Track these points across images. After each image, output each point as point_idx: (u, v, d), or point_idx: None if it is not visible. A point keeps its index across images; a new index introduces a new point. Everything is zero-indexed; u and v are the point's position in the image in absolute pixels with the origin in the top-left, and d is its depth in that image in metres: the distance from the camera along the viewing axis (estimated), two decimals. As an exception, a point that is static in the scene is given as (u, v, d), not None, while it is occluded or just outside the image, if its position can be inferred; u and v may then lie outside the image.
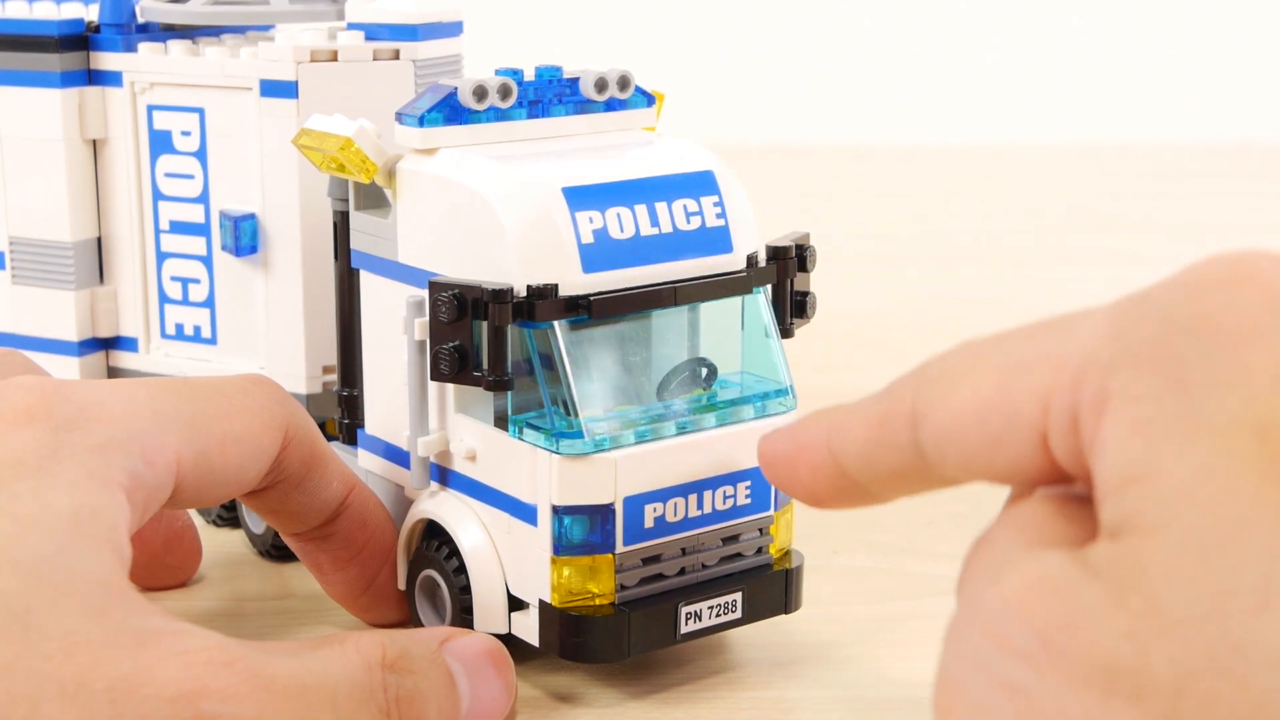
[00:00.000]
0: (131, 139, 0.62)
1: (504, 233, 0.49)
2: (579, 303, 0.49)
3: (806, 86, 1.68)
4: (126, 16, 0.63)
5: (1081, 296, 1.02)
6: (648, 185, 0.51)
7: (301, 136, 0.53)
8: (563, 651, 0.49)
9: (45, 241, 0.63)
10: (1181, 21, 1.69)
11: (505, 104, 0.52)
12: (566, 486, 0.48)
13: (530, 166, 0.50)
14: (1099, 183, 1.48)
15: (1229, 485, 0.33)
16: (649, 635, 0.50)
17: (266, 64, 0.59)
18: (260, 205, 0.60)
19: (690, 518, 0.50)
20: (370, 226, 0.54)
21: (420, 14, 0.60)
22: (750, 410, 0.52)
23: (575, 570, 0.49)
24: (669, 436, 0.50)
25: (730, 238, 0.52)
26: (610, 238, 0.49)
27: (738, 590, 0.51)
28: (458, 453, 0.51)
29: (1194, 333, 0.35)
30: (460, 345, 0.48)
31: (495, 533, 0.51)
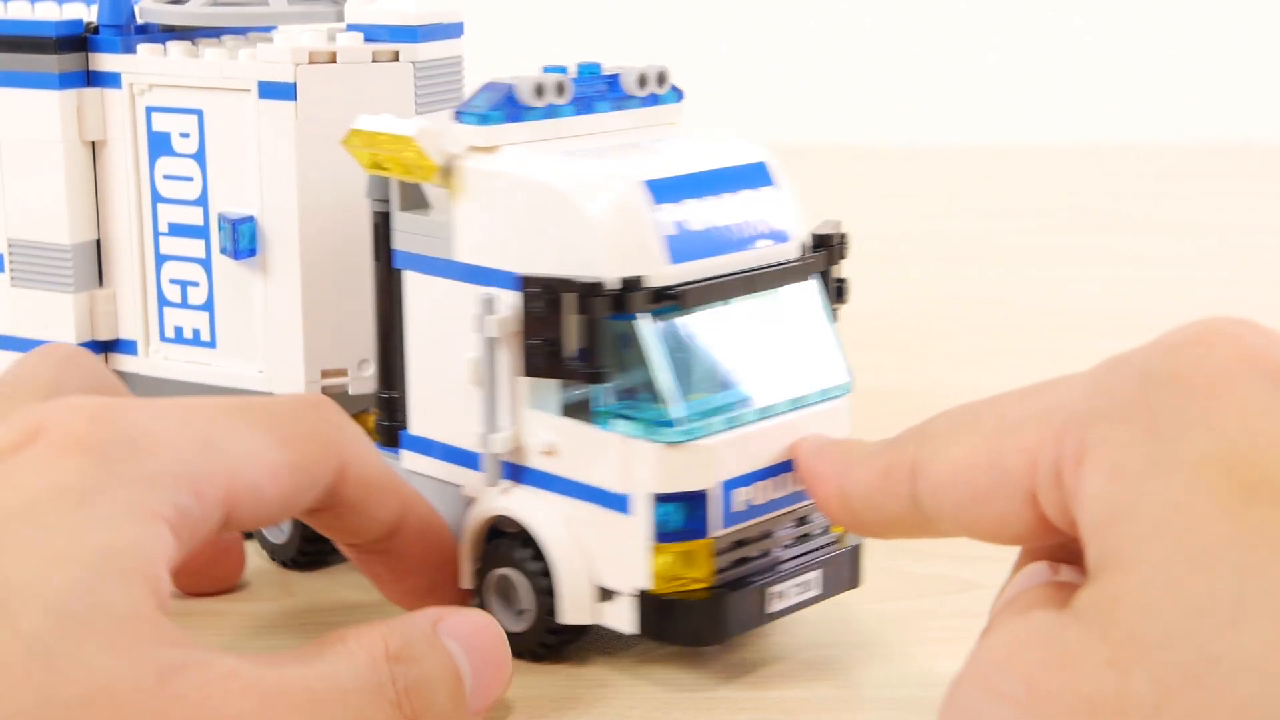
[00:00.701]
0: (130, 141, 0.62)
1: (592, 227, 0.50)
2: (668, 293, 0.50)
3: (807, 86, 1.68)
4: (125, 17, 0.62)
5: (1082, 296, 1.03)
6: (715, 177, 0.53)
7: (351, 137, 0.53)
8: (664, 637, 0.51)
9: (44, 244, 0.63)
10: (1183, 21, 1.69)
11: (560, 101, 0.53)
12: (667, 475, 0.50)
13: (605, 161, 0.51)
14: (1101, 183, 1.47)
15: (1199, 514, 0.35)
16: (743, 617, 0.51)
17: (265, 66, 0.59)
18: (259, 208, 0.60)
19: (773, 500, 0.52)
20: (418, 226, 0.54)
21: (420, 15, 0.60)
22: (817, 395, 0.53)
23: (674, 557, 0.50)
24: (751, 422, 0.51)
25: (786, 227, 0.54)
26: (688, 229, 0.51)
27: (816, 569, 0.53)
28: (533, 448, 0.52)
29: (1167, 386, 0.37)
30: (553, 339, 0.49)
31: (577, 525, 0.51)
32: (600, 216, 0.50)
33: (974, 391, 0.55)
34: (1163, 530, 0.35)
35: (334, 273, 0.59)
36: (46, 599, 0.38)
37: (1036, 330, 0.96)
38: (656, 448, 0.49)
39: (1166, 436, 0.36)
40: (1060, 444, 0.39)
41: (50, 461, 0.41)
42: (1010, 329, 0.96)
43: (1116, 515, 0.36)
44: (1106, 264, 1.15)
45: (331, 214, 0.59)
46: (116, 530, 0.40)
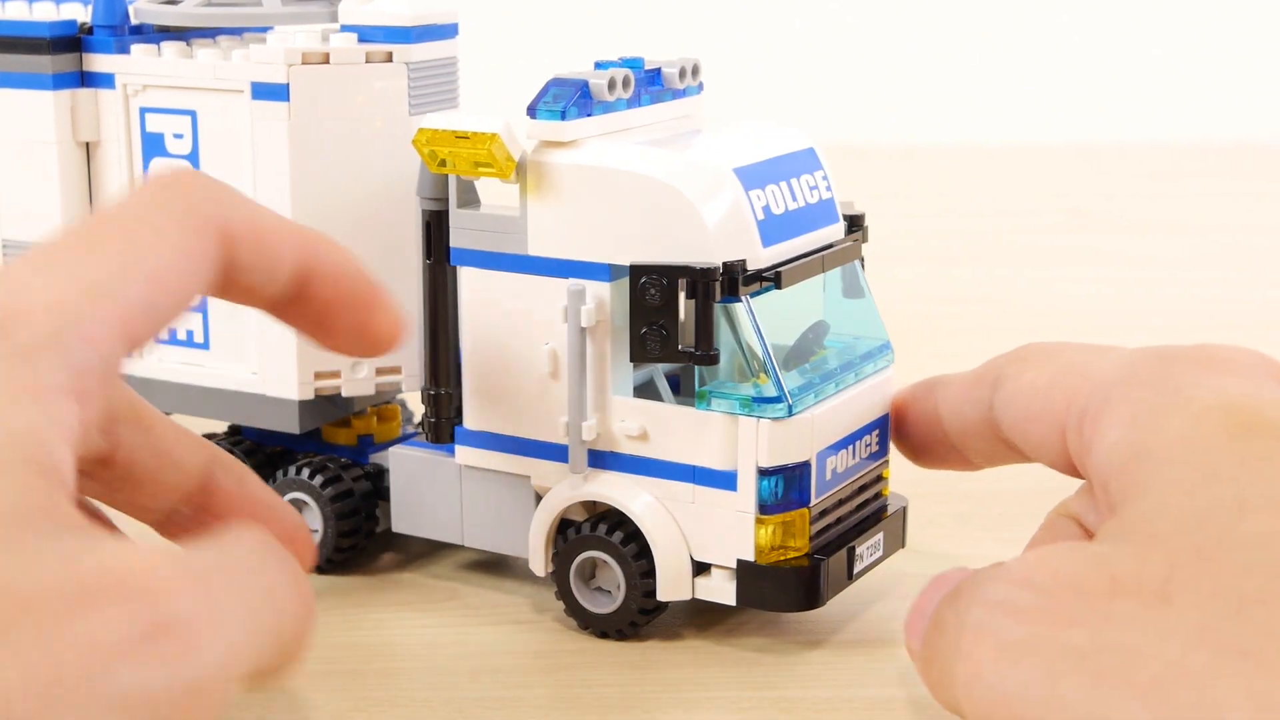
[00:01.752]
0: (124, 141, 0.62)
1: (699, 216, 0.52)
2: (765, 276, 0.52)
3: (799, 86, 1.68)
4: (120, 18, 0.62)
5: (1077, 296, 1.03)
6: (784, 162, 0.55)
7: (419, 135, 0.54)
8: (767, 605, 0.53)
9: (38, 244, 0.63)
10: (1178, 21, 1.69)
11: (626, 95, 0.55)
12: (774, 448, 0.52)
13: (694, 152, 0.54)
14: (1096, 183, 1.48)
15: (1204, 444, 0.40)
16: (835, 580, 0.54)
17: (258, 66, 0.59)
18: (253, 208, 0.60)
19: (849, 467, 0.55)
20: (481, 223, 0.55)
21: (414, 16, 0.60)
22: (871, 365, 0.56)
23: (778, 527, 0.52)
24: (831, 394, 0.54)
25: (836, 208, 0.57)
26: (772, 213, 0.54)
27: (880, 530, 0.56)
28: (623, 433, 0.54)
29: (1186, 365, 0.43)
30: (666, 325, 0.51)
31: (671, 504, 0.54)
32: (705, 204, 0.52)
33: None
34: (1173, 458, 0.40)
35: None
36: None
37: (1030, 330, 0.95)
38: (765, 423, 0.52)
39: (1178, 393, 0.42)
40: (1090, 396, 0.45)
41: None
42: (1004, 329, 0.96)
43: (1133, 454, 0.42)
44: (1102, 264, 1.15)
45: (324, 214, 0.59)
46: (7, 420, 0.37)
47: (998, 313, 1.02)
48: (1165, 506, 0.39)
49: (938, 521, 0.65)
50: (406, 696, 0.52)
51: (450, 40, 0.62)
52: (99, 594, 0.34)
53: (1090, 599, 0.38)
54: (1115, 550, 0.39)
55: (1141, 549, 0.38)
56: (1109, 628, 0.37)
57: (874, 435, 0.56)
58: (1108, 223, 1.30)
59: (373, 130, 0.59)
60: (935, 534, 0.64)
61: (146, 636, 0.34)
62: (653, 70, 0.57)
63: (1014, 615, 0.39)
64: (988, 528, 0.65)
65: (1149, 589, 0.37)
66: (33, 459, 0.36)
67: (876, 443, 0.56)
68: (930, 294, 1.05)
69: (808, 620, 0.57)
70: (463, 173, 0.54)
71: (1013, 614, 0.39)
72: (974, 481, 0.60)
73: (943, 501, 0.59)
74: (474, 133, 0.53)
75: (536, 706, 0.51)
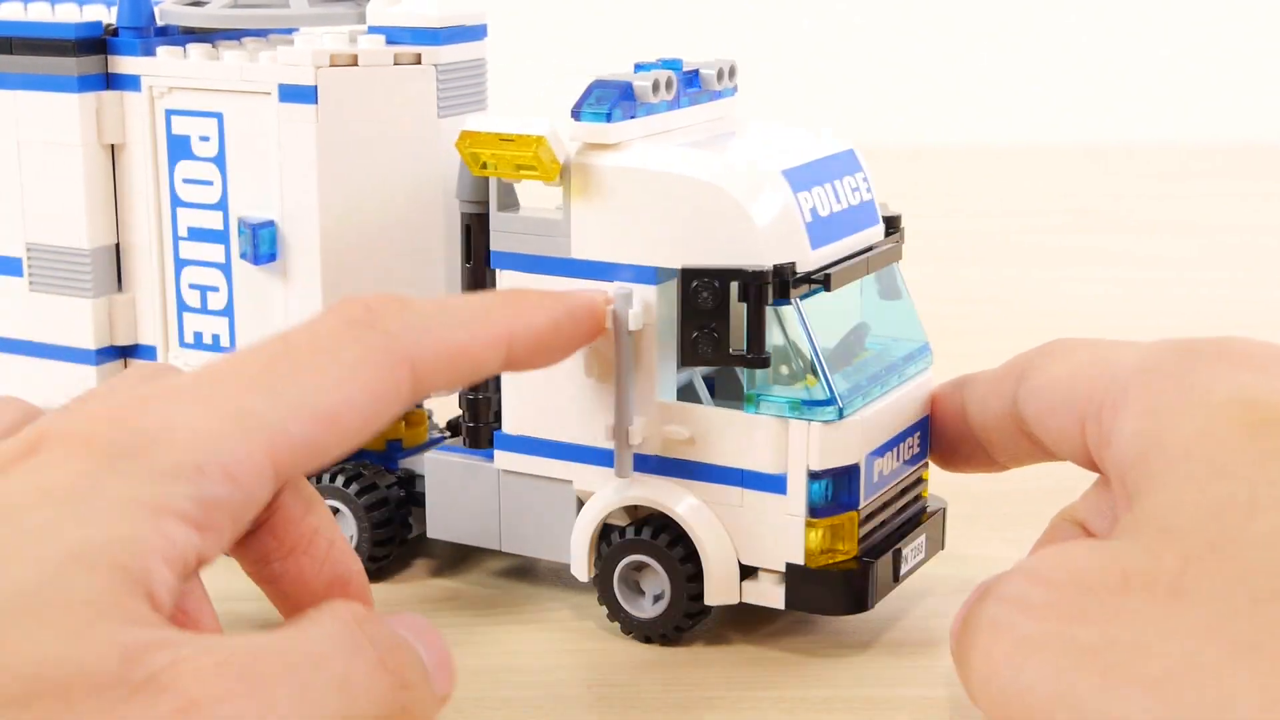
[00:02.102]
0: (149, 144, 0.62)
1: (749, 219, 0.52)
2: (813, 278, 0.52)
3: (807, 86, 1.68)
4: (145, 20, 0.62)
5: (1083, 296, 1.03)
6: (827, 164, 0.55)
7: (464, 139, 0.54)
8: (817, 608, 0.53)
9: (63, 248, 0.63)
10: (1186, 21, 1.69)
11: (669, 97, 0.55)
12: (825, 451, 0.52)
13: (741, 154, 0.54)
14: (1102, 183, 1.48)
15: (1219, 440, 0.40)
16: (883, 583, 0.54)
17: (285, 68, 0.58)
18: (279, 212, 0.59)
19: (894, 470, 0.55)
20: (523, 225, 0.55)
21: (442, 17, 0.59)
22: (913, 368, 0.56)
23: (828, 530, 0.52)
24: (876, 397, 0.54)
25: (876, 210, 0.57)
26: (819, 216, 0.53)
27: (923, 532, 0.56)
28: (670, 437, 0.54)
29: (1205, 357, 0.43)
30: (716, 327, 0.51)
31: (719, 507, 0.53)
32: (757, 207, 0.52)
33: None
34: (1189, 453, 0.40)
35: (355, 277, 0.59)
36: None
37: (1038, 331, 0.95)
38: (817, 427, 0.52)
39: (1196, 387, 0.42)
40: (1109, 390, 0.45)
41: (46, 467, 0.38)
42: (1011, 329, 0.96)
43: (1149, 447, 0.42)
44: (1109, 264, 1.15)
45: (352, 218, 0.59)
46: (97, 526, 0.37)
47: (1005, 313, 1.02)
48: (1179, 502, 0.39)
49: (947, 522, 0.65)
50: None
51: (479, 42, 0.62)
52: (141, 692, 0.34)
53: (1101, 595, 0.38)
54: (1128, 546, 0.39)
55: (1155, 544, 0.38)
56: (1119, 623, 0.37)
57: (916, 437, 0.56)
58: (1115, 223, 1.30)
59: (401, 132, 0.59)
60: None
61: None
62: (691, 72, 0.57)
63: (1028, 612, 0.39)
64: (995, 528, 0.65)
65: (1161, 584, 0.37)
66: (122, 564, 0.36)
67: (918, 444, 0.56)
68: (938, 294, 1.05)
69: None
70: (505, 175, 0.54)
71: (1026, 610, 0.39)
72: (981, 483, 0.60)
73: (950, 503, 0.59)
74: (520, 135, 0.53)
75: (537, 706, 0.51)
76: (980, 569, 0.59)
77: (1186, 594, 0.37)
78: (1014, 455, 0.54)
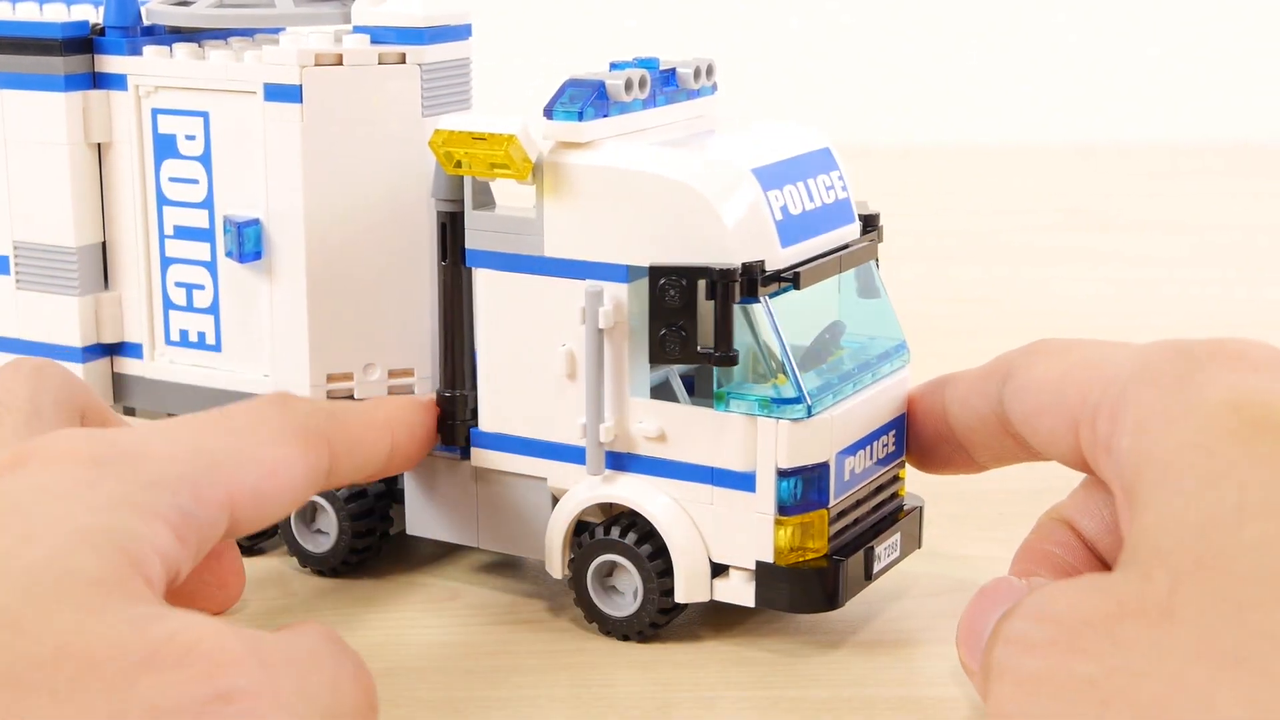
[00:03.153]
0: (136, 143, 0.62)
1: (717, 216, 0.52)
2: (783, 276, 0.52)
3: (796, 85, 1.68)
4: (132, 19, 0.62)
5: (1076, 296, 1.03)
6: (801, 162, 0.55)
7: (435, 137, 0.54)
8: (785, 606, 0.53)
9: (49, 246, 0.63)
10: (1176, 20, 1.69)
11: (643, 95, 0.55)
12: (794, 449, 0.52)
13: (711, 152, 0.54)
14: (1095, 182, 1.48)
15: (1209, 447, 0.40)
16: (854, 581, 0.54)
17: (270, 68, 0.59)
18: (264, 210, 0.60)
19: (867, 468, 0.55)
20: (496, 224, 0.55)
21: (427, 17, 0.59)
22: (888, 366, 0.56)
23: (797, 529, 0.52)
24: (849, 395, 0.54)
25: (852, 208, 0.57)
26: (790, 214, 0.53)
27: (897, 531, 0.56)
28: (641, 434, 0.54)
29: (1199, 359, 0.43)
30: (685, 326, 0.51)
31: (690, 505, 0.53)
32: (725, 205, 0.52)
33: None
34: (1179, 467, 0.40)
35: (340, 276, 0.59)
36: (16, 573, 0.38)
37: (1029, 330, 0.95)
38: (785, 425, 0.52)
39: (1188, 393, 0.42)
40: (1105, 392, 0.45)
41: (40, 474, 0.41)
42: (1002, 329, 0.96)
43: (1141, 465, 0.41)
44: (1100, 263, 1.15)
45: (337, 217, 0.59)
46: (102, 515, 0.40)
47: (996, 313, 1.02)
48: (1168, 520, 0.39)
49: (935, 522, 0.64)
50: (407, 696, 0.52)
51: (463, 41, 0.62)
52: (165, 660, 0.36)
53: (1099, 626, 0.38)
54: (1123, 575, 0.39)
55: (1147, 567, 0.38)
56: (1115, 652, 0.37)
57: (890, 436, 0.56)
58: (1106, 222, 1.30)
59: (386, 132, 0.59)
60: (932, 534, 0.63)
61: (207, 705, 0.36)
62: (668, 70, 0.57)
63: (1030, 650, 0.39)
64: (983, 527, 0.65)
65: (1152, 607, 0.37)
66: (123, 548, 0.39)
67: (893, 443, 0.56)
68: (928, 294, 1.05)
69: (823, 621, 0.57)
70: (479, 174, 0.54)
71: (1029, 649, 0.39)
72: (969, 482, 0.60)
73: (937, 503, 0.59)
74: (491, 134, 0.53)
75: (537, 707, 0.51)
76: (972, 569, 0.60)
77: (1176, 614, 0.37)
78: (997, 455, 0.54)
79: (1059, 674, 0.38)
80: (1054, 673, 0.38)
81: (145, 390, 0.63)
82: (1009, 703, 0.39)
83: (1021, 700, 0.39)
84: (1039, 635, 0.39)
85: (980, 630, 0.44)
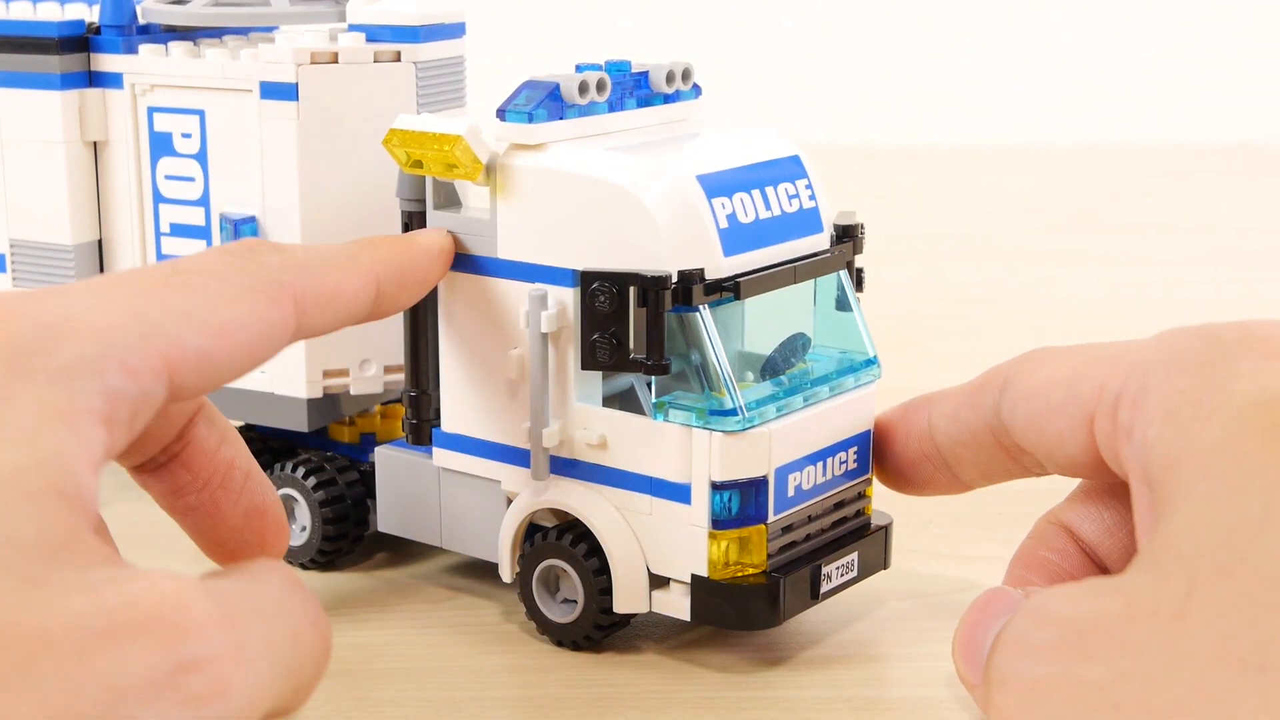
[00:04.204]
0: (132, 141, 0.62)
1: (654, 223, 0.51)
2: (724, 285, 0.51)
3: (803, 86, 1.68)
4: (127, 18, 0.62)
5: (1078, 296, 1.03)
6: (757, 170, 0.54)
7: (391, 136, 0.54)
8: (720, 622, 0.52)
9: (46, 244, 0.63)
10: (1175, 20, 1.69)
11: (601, 98, 0.54)
12: (728, 462, 0.51)
13: (657, 157, 0.52)
14: (1093, 183, 1.48)
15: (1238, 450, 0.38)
16: (796, 599, 0.52)
17: (266, 66, 0.59)
18: (260, 208, 0.60)
19: (818, 485, 0.53)
20: (457, 224, 0.54)
21: (422, 15, 0.60)
22: (851, 380, 0.55)
23: (732, 543, 0.51)
24: (799, 409, 0.52)
25: (820, 218, 0.55)
26: (739, 222, 0.52)
27: (854, 550, 0.54)
28: (584, 441, 0.53)
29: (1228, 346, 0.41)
30: (616, 333, 0.50)
31: (630, 515, 0.52)
32: (661, 211, 0.51)
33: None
34: (1207, 469, 0.38)
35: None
36: None
37: (1032, 330, 0.96)
38: (718, 437, 0.50)
39: (1218, 384, 0.40)
40: (1126, 380, 0.43)
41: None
42: (1002, 329, 0.96)
43: (1170, 460, 0.40)
44: (1103, 264, 1.15)
45: (332, 214, 0.59)
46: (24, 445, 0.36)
47: (995, 313, 1.02)
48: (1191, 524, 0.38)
49: (936, 522, 0.65)
50: (406, 696, 0.52)
51: (458, 40, 0.62)
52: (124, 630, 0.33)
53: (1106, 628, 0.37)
54: (1134, 577, 0.38)
55: (1164, 572, 0.37)
56: (1125, 656, 0.36)
57: (851, 452, 0.54)
58: (1106, 223, 1.30)
59: (381, 129, 0.59)
60: (934, 534, 0.64)
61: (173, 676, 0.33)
62: (641, 73, 0.56)
63: (1033, 655, 0.38)
64: (985, 528, 0.65)
65: (1164, 610, 0.36)
66: (58, 487, 0.35)
67: (855, 460, 0.55)
68: (927, 294, 1.05)
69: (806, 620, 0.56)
70: (437, 174, 0.53)
71: (1032, 654, 0.38)
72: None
73: (939, 503, 0.59)
74: (440, 134, 0.52)
75: (537, 707, 0.51)
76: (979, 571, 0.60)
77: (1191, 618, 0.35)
78: (985, 472, 0.52)
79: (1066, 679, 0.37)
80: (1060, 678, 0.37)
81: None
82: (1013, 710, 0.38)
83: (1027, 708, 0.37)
84: (1043, 638, 0.38)
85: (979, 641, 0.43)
